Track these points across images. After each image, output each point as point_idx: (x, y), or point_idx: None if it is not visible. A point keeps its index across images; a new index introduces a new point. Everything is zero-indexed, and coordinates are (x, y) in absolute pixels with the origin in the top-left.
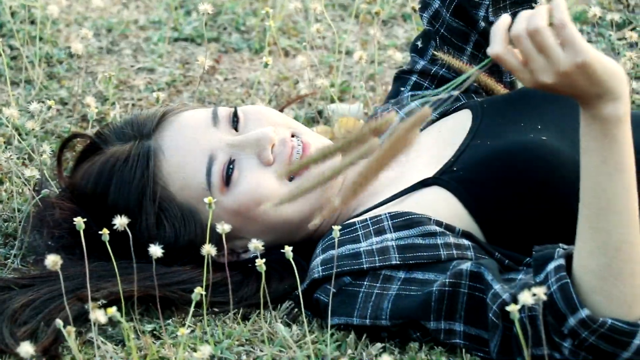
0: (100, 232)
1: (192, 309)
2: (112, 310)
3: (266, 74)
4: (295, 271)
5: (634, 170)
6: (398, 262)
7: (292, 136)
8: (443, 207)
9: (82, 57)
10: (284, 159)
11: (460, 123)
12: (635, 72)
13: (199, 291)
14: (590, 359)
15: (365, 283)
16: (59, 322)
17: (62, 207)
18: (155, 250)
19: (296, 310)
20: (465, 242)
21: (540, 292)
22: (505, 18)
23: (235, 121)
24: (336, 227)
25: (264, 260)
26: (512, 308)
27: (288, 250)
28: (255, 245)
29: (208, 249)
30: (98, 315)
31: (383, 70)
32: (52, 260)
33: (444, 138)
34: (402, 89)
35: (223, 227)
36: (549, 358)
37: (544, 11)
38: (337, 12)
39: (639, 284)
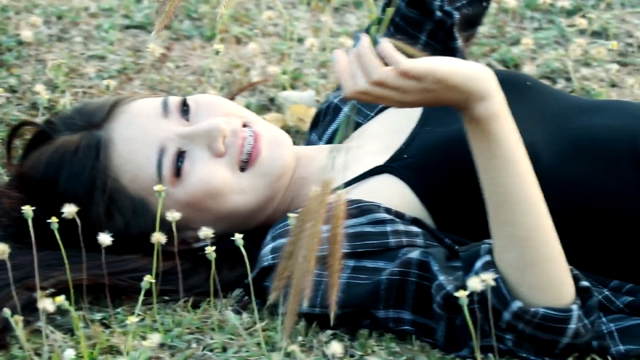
0: (49, 221)
1: (141, 297)
2: (61, 299)
3: (218, 61)
4: (246, 259)
5: (525, 156)
6: (347, 250)
7: (244, 126)
8: (394, 194)
9: (32, 44)
10: (235, 150)
11: (411, 110)
12: (585, 59)
13: (148, 279)
14: (534, 348)
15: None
16: (6, 312)
17: (10, 196)
18: (105, 239)
19: (246, 298)
20: (415, 229)
21: (489, 277)
22: (339, 58)
23: (185, 111)
24: (292, 215)
25: (214, 248)
26: (462, 294)
27: (238, 238)
28: (205, 233)
29: (157, 237)
30: (46, 304)
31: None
32: (0, 249)
33: (395, 126)
34: None
35: (173, 216)
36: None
37: (370, 56)
38: None
39: (559, 267)
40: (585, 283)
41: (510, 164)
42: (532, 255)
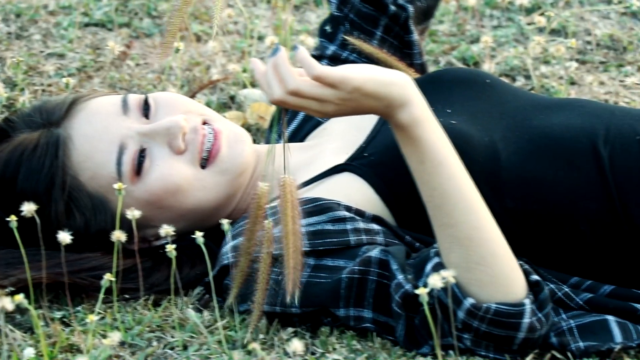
0: (8, 220)
1: (101, 296)
2: (20, 297)
3: (178, 59)
4: (207, 257)
5: (456, 157)
6: (308, 249)
7: (204, 123)
8: (354, 192)
9: None
10: (195, 148)
11: None
12: (544, 57)
13: (108, 277)
14: (492, 345)
15: (275, 270)
16: None
17: None
18: (64, 237)
19: (207, 296)
20: (375, 226)
21: (449, 274)
22: (257, 66)
23: (145, 109)
24: (225, 221)
25: (174, 246)
26: (421, 291)
27: (199, 235)
28: (166, 230)
29: (118, 235)
30: (5, 303)
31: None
32: None
33: (355, 124)
34: None
35: (133, 214)
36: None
37: (286, 65)
38: None
39: (505, 262)
40: (535, 277)
41: (440, 166)
42: (476, 253)
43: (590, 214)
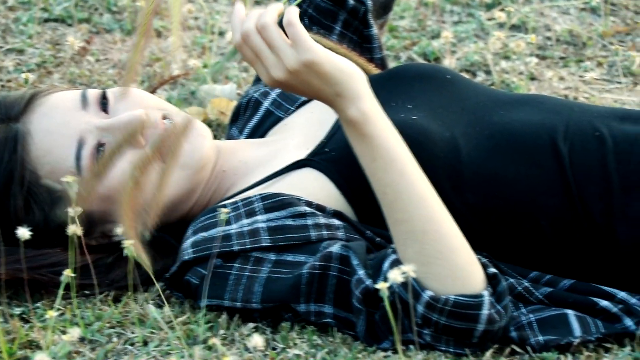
0: None
1: (61, 292)
2: None
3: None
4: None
5: (406, 151)
6: (269, 244)
7: (164, 118)
8: (315, 188)
9: None
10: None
11: None
12: (504, 52)
13: (67, 273)
14: (452, 340)
15: (235, 265)
16: None
17: None
18: (23, 233)
19: (168, 292)
20: (336, 222)
21: (410, 269)
22: (239, 8)
23: (104, 103)
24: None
25: (133, 241)
26: (382, 286)
27: (128, 244)
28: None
29: (73, 230)
30: None
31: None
32: None
33: (317, 119)
34: None
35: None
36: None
37: (273, 9)
38: None
39: (463, 255)
40: (493, 270)
41: (392, 163)
42: (432, 247)
43: (550, 211)
